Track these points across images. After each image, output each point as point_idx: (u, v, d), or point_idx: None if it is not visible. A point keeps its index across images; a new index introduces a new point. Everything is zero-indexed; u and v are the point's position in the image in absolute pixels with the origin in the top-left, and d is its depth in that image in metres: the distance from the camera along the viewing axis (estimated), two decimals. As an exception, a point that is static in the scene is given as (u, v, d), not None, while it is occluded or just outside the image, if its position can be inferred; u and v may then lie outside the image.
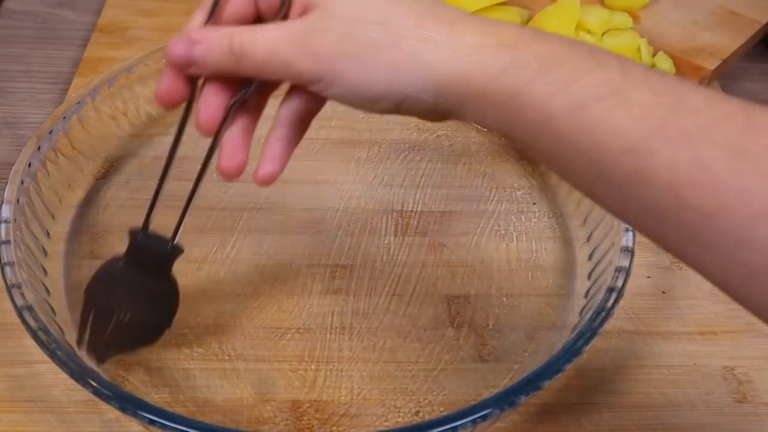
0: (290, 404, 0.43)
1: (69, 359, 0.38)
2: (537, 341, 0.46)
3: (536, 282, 0.50)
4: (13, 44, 0.70)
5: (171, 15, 0.73)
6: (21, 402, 0.43)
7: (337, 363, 0.45)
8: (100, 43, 0.69)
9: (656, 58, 0.62)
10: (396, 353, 0.46)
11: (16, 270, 0.42)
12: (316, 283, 0.49)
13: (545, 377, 0.38)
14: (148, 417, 0.35)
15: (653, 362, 0.46)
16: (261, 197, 0.55)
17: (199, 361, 0.45)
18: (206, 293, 0.48)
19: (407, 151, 0.59)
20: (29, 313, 0.40)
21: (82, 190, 0.54)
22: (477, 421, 0.36)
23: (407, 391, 0.44)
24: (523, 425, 0.43)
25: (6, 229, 0.44)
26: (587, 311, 0.43)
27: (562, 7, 0.62)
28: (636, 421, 0.43)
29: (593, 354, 0.46)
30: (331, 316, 0.47)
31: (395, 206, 0.55)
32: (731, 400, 0.44)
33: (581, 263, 0.50)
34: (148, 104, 0.59)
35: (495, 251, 0.52)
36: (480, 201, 0.55)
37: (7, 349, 0.45)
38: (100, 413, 0.42)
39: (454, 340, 0.46)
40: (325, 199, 0.55)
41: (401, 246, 0.52)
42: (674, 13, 0.70)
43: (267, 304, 0.48)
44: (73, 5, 0.75)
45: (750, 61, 0.71)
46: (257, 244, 0.51)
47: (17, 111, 0.63)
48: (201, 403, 0.43)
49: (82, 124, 0.54)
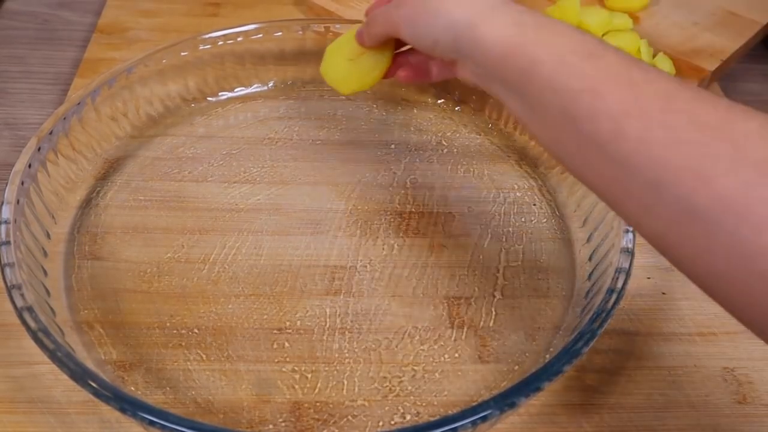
0: (290, 405, 0.43)
1: (69, 360, 0.38)
2: (537, 342, 0.47)
3: (536, 283, 0.50)
4: (14, 45, 0.70)
5: (171, 15, 0.73)
6: (21, 403, 0.43)
7: (337, 364, 0.45)
8: (100, 43, 0.69)
9: (656, 59, 0.62)
10: (396, 354, 0.46)
11: (16, 271, 0.42)
12: (316, 283, 0.49)
13: (545, 378, 0.38)
14: (148, 418, 0.35)
15: (653, 363, 0.46)
16: (261, 197, 0.55)
17: (199, 362, 0.45)
18: (206, 293, 0.48)
19: (407, 151, 0.59)
20: (29, 314, 0.40)
21: (82, 190, 0.54)
22: (477, 422, 0.36)
23: (407, 392, 0.44)
24: (523, 426, 0.43)
25: (6, 230, 0.44)
26: (587, 312, 0.43)
27: (562, 8, 0.62)
28: (636, 422, 0.43)
29: (593, 355, 0.46)
30: (331, 317, 0.47)
31: (395, 207, 0.55)
32: (731, 401, 0.44)
33: (581, 264, 0.50)
34: (148, 105, 0.60)
35: (495, 252, 0.52)
36: (480, 202, 0.55)
37: (6, 350, 0.45)
38: (99, 414, 0.42)
39: (454, 341, 0.46)
40: (325, 200, 0.55)
41: (401, 247, 0.52)
42: (674, 14, 0.70)
43: (267, 304, 0.48)
44: (73, 6, 0.75)
45: (750, 62, 0.71)
46: (257, 244, 0.51)
47: (17, 112, 0.63)
48: (201, 403, 0.43)
49: (83, 124, 0.54)
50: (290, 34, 0.62)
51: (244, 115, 0.61)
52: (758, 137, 0.28)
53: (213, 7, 0.74)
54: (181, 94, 0.61)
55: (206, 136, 0.59)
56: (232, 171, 0.57)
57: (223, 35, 0.61)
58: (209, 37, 0.61)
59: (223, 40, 0.61)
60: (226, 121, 0.61)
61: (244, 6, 0.74)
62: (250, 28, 0.61)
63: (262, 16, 0.71)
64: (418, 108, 0.63)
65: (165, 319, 0.47)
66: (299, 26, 0.62)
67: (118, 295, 0.48)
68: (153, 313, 0.47)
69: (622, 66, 0.32)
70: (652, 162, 0.29)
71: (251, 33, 0.61)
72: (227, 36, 0.61)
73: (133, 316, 0.47)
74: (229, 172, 0.56)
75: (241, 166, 0.57)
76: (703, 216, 0.28)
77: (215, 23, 0.69)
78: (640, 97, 0.31)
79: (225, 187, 0.55)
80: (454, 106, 0.63)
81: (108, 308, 0.47)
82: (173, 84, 0.60)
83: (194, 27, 0.70)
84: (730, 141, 0.28)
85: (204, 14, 0.73)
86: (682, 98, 0.30)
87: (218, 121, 0.61)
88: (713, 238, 0.28)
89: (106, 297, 0.48)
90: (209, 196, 0.55)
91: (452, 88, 0.62)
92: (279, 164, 0.57)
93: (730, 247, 0.27)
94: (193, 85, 0.61)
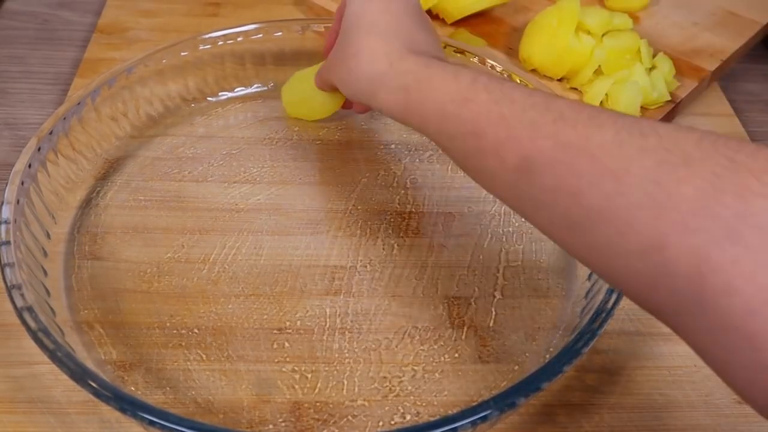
0: (290, 405, 0.43)
1: (69, 360, 0.38)
2: (537, 342, 0.47)
3: (536, 283, 0.50)
4: (14, 45, 0.70)
5: (171, 16, 0.73)
6: (21, 403, 0.43)
7: (337, 364, 0.45)
8: (100, 43, 0.69)
9: (656, 59, 0.62)
10: (396, 354, 0.46)
11: (16, 271, 0.42)
12: (316, 283, 0.49)
13: (545, 378, 0.38)
14: (148, 418, 0.36)
15: (653, 363, 0.46)
16: (261, 197, 0.55)
17: (199, 362, 0.45)
18: (206, 293, 0.48)
19: (407, 152, 0.59)
20: (29, 314, 0.40)
21: (82, 190, 0.54)
22: (477, 422, 0.36)
23: (407, 392, 0.44)
24: (523, 426, 0.43)
25: (6, 230, 0.44)
26: (587, 312, 0.43)
27: (562, 8, 0.62)
28: (636, 422, 0.43)
29: (593, 355, 0.46)
30: (331, 317, 0.47)
31: (395, 207, 0.55)
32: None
33: (581, 264, 0.50)
34: (148, 105, 0.60)
35: (495, 252, 0.52)
36: (480, 202, 0.55)
37: (6, 350, 0.45)
38: (99, 414, 0.42)
39: (454, 341, 0.46)
40: (325, 200, 0.55)
41: (401, 247, 0.52)
42: (674, 14, 0.70)
43: (267, 304, 0.48)
44: (73, 6, 0.75)
45: (750, 62, 0.71)
46: (257, 244, 0.51)
47: (17, 112, 0.63)
48: (201, 403, 0.43)
49: (83, 124, 0.54)
50: (290, 34, 0.62)
51: (244, 115, 0.61)
52: (613, 146, 0.30)
53: (213, 7, 0.74)
54: (181, 94, 0.61)
55: (206, 136, 0.59)
56: (232, 171, 0.57)
57: (223, 35, 0.61)
58: (209, 37, 0.61)
59: (223, 40, 0.61)
60: (226, 121, 0.61)
61: (244, 6, 0.74)
62: (250, 28, 0.61)
63: (262, 16, 0.71)
64: (418, 108, 0.63)
65: (165, 319, 0.47)
66: (299, 26, 0.62)
67: (118, 295, 0.48)
68: (153, 313, 0.47)
69: (492, 104, 0.36)
70: (534, 187, 0.33)
71: (251, 33, 0.61)
72: (227, 36, 0.61)
73: (133, 316, 0.47)
74: (229, 172, 0.56)
75: (241, 166, 0.57)
76: (582, 228, 0.31)
77: (215, 23, 0.69)
78: (511, 131, 0.34)
79: (225, 187, 0.55)
80: (454, 106, 0.63)
81: (108, 308, 0.47)
82: (173, 84, 0.61)
83: (194, 27, 0.70)
84: (589, 156, 0.31)
85: (204, 14, 0.73)
86: (546, 122, 0.33)
87: (218, 121, 0.61)
88: (594, 247, 0.31)
89: (106, 297, 0.48)
90: (209, 196, 0.55)
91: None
92: (279, 164, 0.57)
93: (607, 247, 0.30)
94: (193, 85, 0.61)
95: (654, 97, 0.60)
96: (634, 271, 0.29)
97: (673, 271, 0.27)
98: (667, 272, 0.28)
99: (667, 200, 0.28)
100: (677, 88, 0.62)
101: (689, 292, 0.27)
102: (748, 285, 0.25)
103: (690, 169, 0.28)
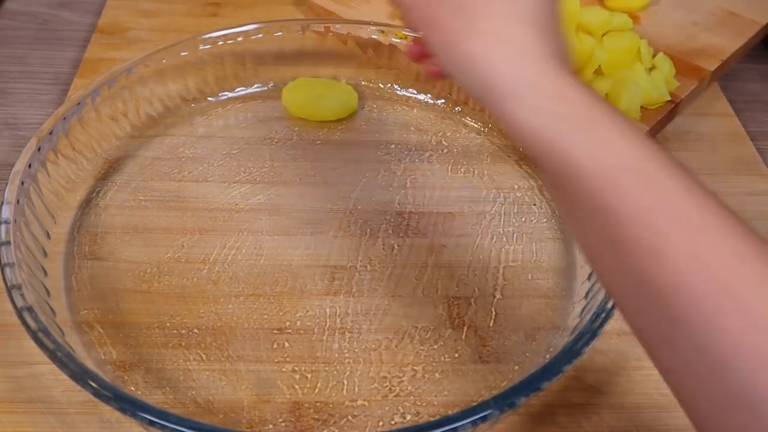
0: (290, 405, 0.43)
1: (69, 360, 0.38)
2: (537, 342, 0.47)
3: (536, 283, 0.50)
4: (14, 45, 0.70)
5: (171, 16, 0.73)
6: (21, 403, 0.43)
7: (337, 364, 0.45)
8: (100, 43, 0.69)
9: (656, 59, 0.62)
10: (396, 354, 0.46)
11: (16, 271, 0.42)
12: (316, 283, 0.49)
13: (545, 378, 0.38)
14: (148, 418, 0.36)
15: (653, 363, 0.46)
16: (261, 197, 0.55)
17: (199, 362, 0.45)
18: (206, 293, 0.48)
19: (407, 151, 0.59)
20: (29, 314, 0.40)
21: (82, 190, 0.54)
22: (477, 422, 0.36)
23: (407, 392, 0.44)
24: (523, 426, 0.43)
25: (6, 230, 0.44)
26: (587, 312, 0.43)
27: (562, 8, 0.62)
28: (636, 422, 0.43)
29: (593, 355, 0.46)
30: (331, 317, 0.47)
31: (395, 207, 0.55)
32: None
33: (581, 264, 0.50)
34: (148, 105, 0.60)
35: (495, 252, 0.52)
36: (480, 202, 0.55)
37: (7, 350, 0.45)
38: (99, 414, 0.42)
39: (454, 341, 0.46)
40: (325, 200, 0.55)
41: (401, 247, 0.52)
42: (674, 14, 0.70)
43: (267, 304, 0.48)
44: (73, 6, 0.75)
45: (750, 62, 0.71)
46: (257, 244, 0.51)
47: (17, 112, 0.63)
48: (201, 403, 0.43)
49: (83, 124, 0.54)
50: (290, 34, 0.62)
51: (244, 115, 0.61)
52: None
53: (213, 7, 0.74)
54: (181, 94, 0.61)
55: (206, 136, 0.59)
56: (232, 171, 0.57)
57: (223, 35, 0.61)
58: (209, 37, 0.61)
59: (223, 40, 0.61)
60: (226, 121, 0.61)
61: (244, 6, 0.74)
62: (250, 28, 0.61)
63: (262, 16, 0.71)
64: (418, 108, 0.63)
65: (165, 319, 0.47)
66: (299, 26, 0.62)
67: (118, 295, 0.48)
68: (153, 313, 0.47)
69: (683, 200, 0.28)
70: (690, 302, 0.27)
71: (251, 33, 0.61)
72: (227, 36, 0.61)
73: (133, 316, 0.47)
74: (229, 172, 0.56)
75: (241, 166, 0.57)
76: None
77: (215, 23, 0.68)
78: (702, 251, 0.27)
79: (225, 187, 0.55)
80: (454, 106, 0.63)
81: (108, 308, 0.47)
82: (173, 84, 0.60)
83: (194, 27, 0.70)
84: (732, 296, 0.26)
85: (204, 14, 0.73)
86: (734, 246, 0.27)
87: (218, 121, 0.61)
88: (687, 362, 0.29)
89: (106, 297, 0.48)
90: (209, 196, 0.55)
91: (452, 88, 0.62)
92: (279, 164, 0.57)
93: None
94: (193, 85, 0.61)
95: (654, 97, 0.60)
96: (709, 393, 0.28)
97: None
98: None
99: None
100: (677, 88, 0.62)
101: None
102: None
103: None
